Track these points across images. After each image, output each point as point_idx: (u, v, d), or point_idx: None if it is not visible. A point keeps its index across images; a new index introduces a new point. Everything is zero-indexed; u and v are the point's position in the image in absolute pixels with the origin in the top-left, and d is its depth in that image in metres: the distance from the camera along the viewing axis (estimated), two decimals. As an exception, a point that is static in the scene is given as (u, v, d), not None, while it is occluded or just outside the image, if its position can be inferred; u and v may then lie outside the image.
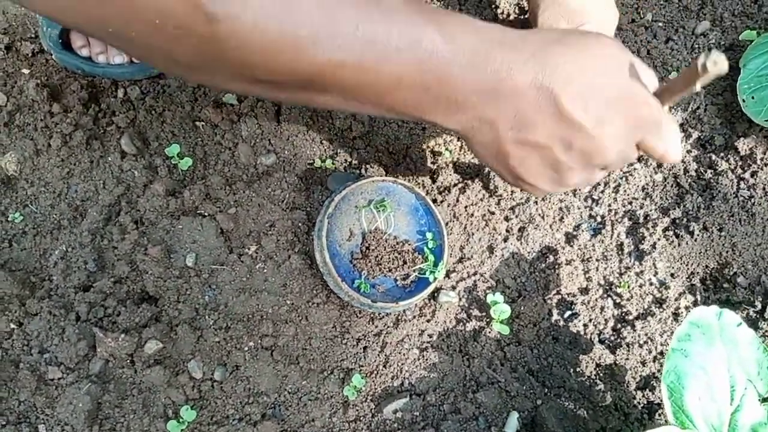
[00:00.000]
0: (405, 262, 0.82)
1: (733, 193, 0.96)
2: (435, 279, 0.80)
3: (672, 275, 0.92)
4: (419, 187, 0.91)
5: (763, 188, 0.96)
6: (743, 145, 0.98)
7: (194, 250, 0.80)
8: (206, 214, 0.82)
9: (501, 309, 0.81)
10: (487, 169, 0.92)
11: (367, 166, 0.91)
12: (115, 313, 0.77)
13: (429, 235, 0.83)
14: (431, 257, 0.82)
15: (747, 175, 0.97)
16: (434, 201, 0.89)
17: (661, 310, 0.88)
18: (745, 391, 0.64)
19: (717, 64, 0.50)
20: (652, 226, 0.92)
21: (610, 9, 0.92)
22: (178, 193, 0.84)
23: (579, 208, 0.95)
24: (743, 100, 0.99)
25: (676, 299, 0.89)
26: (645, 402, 0.83)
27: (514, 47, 0.54)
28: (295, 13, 0.46)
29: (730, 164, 0.98)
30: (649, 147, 0.60)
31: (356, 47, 0.49)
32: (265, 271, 0.80)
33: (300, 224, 0.84)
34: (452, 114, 0.56)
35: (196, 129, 0.91)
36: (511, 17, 1.11)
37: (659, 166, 0.97)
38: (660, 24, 1.15)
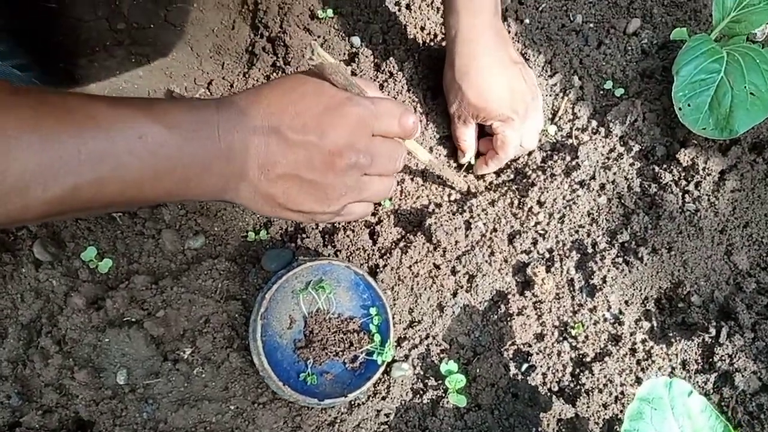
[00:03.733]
0: (351, 344, 0.78)
1: (679, 208, 0.94)
2: (383, 362, 0.76)
3: (626, 302, 0.90)
4: (361, 252, 0.86)
5: (708, 199, 0.94)
6: (684, 156, 0.96)
7: (125, 364, 0.75)
8: (134, 320, 0.77)
9: (456, 378, 0.78)
10: (428, 221, 0.88)
11: (304, 234, 0.86)
12: (48, 451, 0.72)
13: (373, 311, 0.79)
14: (377, 336, 0.78)
15: (691, 187, 0.95)
16: (376, 267, 0.85)
17: (618, 347, 0.86)
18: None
19: (316, 58, 0.58)
20: (600, 258, 0.90)
21: (518, 106, 0.89)
22: (102, 301, 0.78)
23: (526, 245, 0.92)
24: (680, 109, 0.96)
25: (632, 334, 0.87)
26: (611, 447, 0.82)
27: (229, 108, 0.59)
28: (12, 161, 0.47)
29: (673, 176, 0.96)
30: (389, 132, 0.66)
31: (85, 169, 0.50)
32: (203, 375, 0.75)
33: (237, 316, 0.79)
34: (209, 187, 0.59)
35: (113, 221, 0.84)
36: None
37: (581, 184, 0.94)
38: (591, 26, 1.11)
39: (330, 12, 1.06)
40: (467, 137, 0.94)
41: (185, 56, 1.07)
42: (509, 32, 1.05)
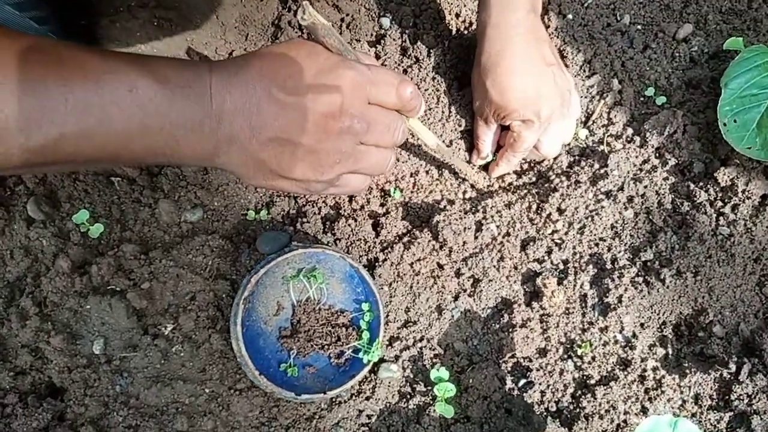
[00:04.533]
0: (339, 339, 0.74)
1: (711, 230, 0.87)
2: (369, 362, 0.72)
3: (642, 325, 0.84)
4: (361, 243, 0.82)
5: (744, 224, 0.87)
6: (724, 176, 0.89)
7: (103, 333, 0.73)
8: (118, 289, 0.74)
9: (446, 387, 0.73)
10: (436, 217, 0.84)
11: (304, 219, 0.82)
12: (13, 414, 0.70)
13: (365, 306, 0.75)
14: (366, 333, 0.74)
15: (727, 210, 0.88)
16: (376, 260, 0.81)
17: (626, 373, 0.80)
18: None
19: (307, 18, 0.56)
20: (618, 276, 0.83)
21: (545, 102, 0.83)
22: (88, 266, 0.76)
23: (540, 254, 0.86)
24: (724, 124, 0.89)
25: (643, 360, 0.81)
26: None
27: (222, 69, 0.58)
28: None
29: (709, 195, 0.89)
30: (386, 101, 0.63)
31: (70, 119, 0.49)
32: (182, 354, 0.72)
33: (224, 296, 0.76)
34: (199, 148, 0.58)
35: (111, 186, 0.82)
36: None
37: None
38: (638, 27, 1.03)
39: (362, -11, 1.02)
40: (486, 138, 0.89)
41: (209, 24, 1.03)
42: (549, 27, 0.98)
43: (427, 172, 0.92)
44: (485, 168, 0.94)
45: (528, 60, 0.82)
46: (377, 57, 0.93)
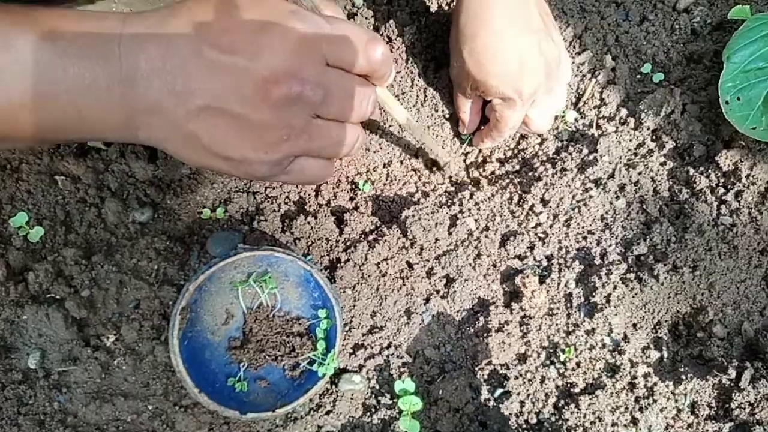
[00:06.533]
0: (293, 349, 0.68)
1: (712, 220, 0.79)
2: (324, 375, 0.66)
3: (634, 326, 0.77)
4: (323, 242, 0.76)
5: (749, 213, 0.79)
6: (726, 159, 0.80)
7: (40, 345, 0.68)
8: (57, 297, 0.69)
9: (410, 400, 0.67)
10: (404, 212, 0.77)
11: (261, 216, 0.76)
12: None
13: (322, 313, 0.69)
14: (321, 343, 0.68)
15: (730, 197, 0.79)
16: (338, 261, 0.74)
17: (614, 380, 0.73)
18: None
19: None
20: (606, 273, 0.76)
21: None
22: (27, 272, 0.71)
23: (521, 250, 0.79)
24: (726, 102, 0.81)
25: (633, 365, 0.74)
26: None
27: (139, 21, 0.49)
28: None
29: (710, 181, 0.81)
30: (350, 62, 0.53)
31: None
32: (124, 368, 0.67)
33: (170, 303, 0.70)
34: (111, 120, 0.49)
35: (55, 185, 0.76)
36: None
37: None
38: (635, -4, 0.94)
39: (333, -35, 0.94)
40: (466, 108, 0.81)
41: None
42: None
43: (401, 162, 0.85)
44: (470, 142, 0.86)
45: (510, 27, 0.70)
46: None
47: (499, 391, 0.72)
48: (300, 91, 0.50)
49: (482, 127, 0.82)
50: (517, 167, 0.86)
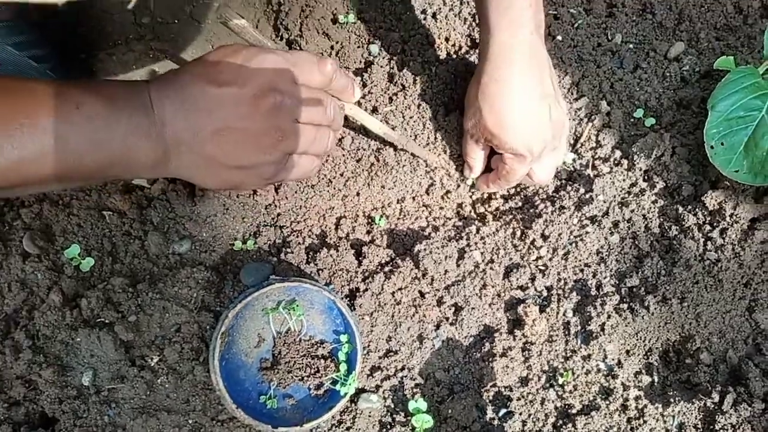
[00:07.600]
0: (318, 370, 0.76)
1: (699, 255, 0.86)
2: (345, 394, 0.73)
3: (627, 352, 0.84)
4: (343, 273, 0.84)
5: (732, 249, 0.86)
6: (711, 200, 0.88)
7: (92, 365, 0.76)
8: (106, 321, 0.77)
9: (422, 419, 0.75)
10: (417, 246, 0.85)
11: (289, 249, 0.84)
12: (7, 446, 0.73)
13: (344, 338, 0.77)
14: (344, 366, 0.76)
15: (715, 234, 0.87)
16: (357, 290, 0.82)
17: (608, 402, 0.80)
18: None
19: (220, 17, 0.67)
20: (601, 303, 0.83)
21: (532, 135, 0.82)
22: (79, 299, 0.79)
23: (523, 281, 0.86)
24: (711, 147, 0.89)
25: (625, 388, 0.81)
26: None
27: (159, 80, 0.65)
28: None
29: (697, 219, 0.88)
30: (311, 79, 0.69)
31: (27, 141, 0.57)
32: (166, 386, 0.75)
33: (208, 327, 0.78)
34: (152, 154, 0.64)
35: (102, 219, 0.85)
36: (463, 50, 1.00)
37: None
38: (630, 47, 1.03)
39: (352, 17, 1.03)
40: (476, 156, 0.89)
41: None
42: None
43: (413, 198, 0.93)
44: (473, 186, 0.94)
45: (527, 92, 0.79)
46: (364, 85, 0.94)
47: (503, 411, 0.80)
48: (281, 100, 0.66)
49: (487, 174, 0.90)
50: (520, 204, 0.94)
